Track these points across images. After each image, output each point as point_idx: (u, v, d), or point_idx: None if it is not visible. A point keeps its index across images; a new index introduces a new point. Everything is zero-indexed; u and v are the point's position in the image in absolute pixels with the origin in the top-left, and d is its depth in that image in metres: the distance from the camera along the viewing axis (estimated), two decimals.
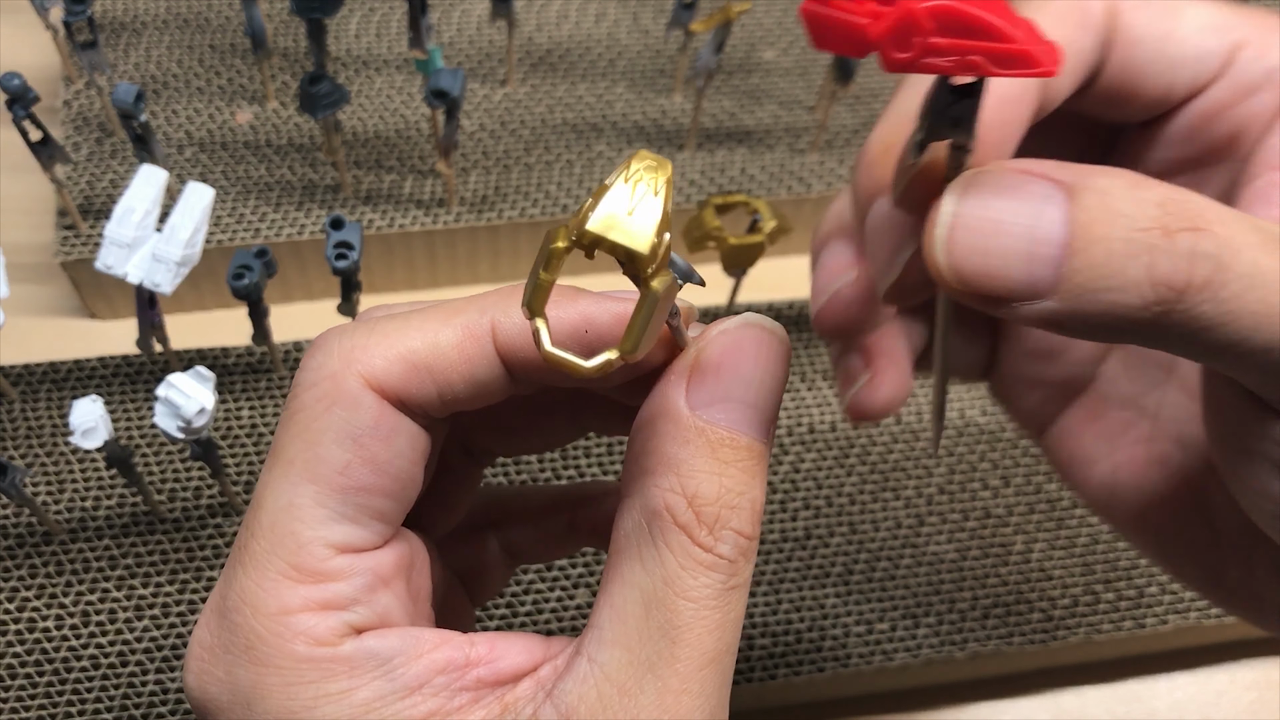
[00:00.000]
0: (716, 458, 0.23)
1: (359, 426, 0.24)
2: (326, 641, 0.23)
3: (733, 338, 0.24)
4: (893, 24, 0.20)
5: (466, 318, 0.25)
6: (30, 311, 0.55)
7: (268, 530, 0.24)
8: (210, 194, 0.43)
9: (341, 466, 0.24)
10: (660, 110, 0.60)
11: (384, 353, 0.24)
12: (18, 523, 0.46)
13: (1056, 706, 0.51)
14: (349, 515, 0.24)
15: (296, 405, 0.24)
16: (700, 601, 0.23)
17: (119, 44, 0.60)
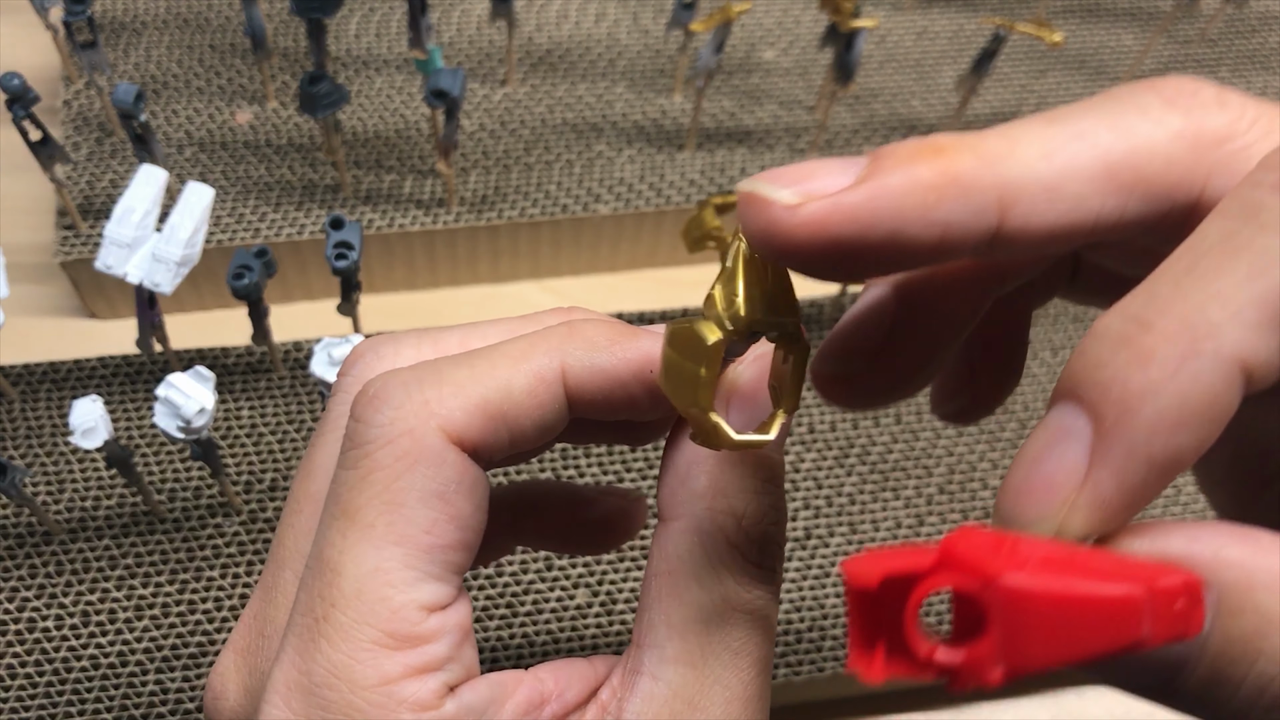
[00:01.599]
0: (758, 478, 0.24)
1: (445, 484, 0.23)
2: (430, 705, 0.23)
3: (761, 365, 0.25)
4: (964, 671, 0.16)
5: (537, 363, 0.24)
6: (30, 311, 0.55)
7: (353, 599, 0.23)
8: (210, 194, 0.43)
9: (428, 526, 0.23)
10: (660, 110, 0.60)
11: (461, 404, 0.24)
12: (18, 523, 0.46)
13: (1057, 706, 0.51)
14: (435, 574, 0.23)
15: (371, 464, 0.23)
16: (756, 613, 0.24)
17: (119, 44, 0.60)
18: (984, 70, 0.57)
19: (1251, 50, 0.67)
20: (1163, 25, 0.63)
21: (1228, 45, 0.67)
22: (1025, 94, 0.63)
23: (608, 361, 0.25)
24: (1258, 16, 0.68)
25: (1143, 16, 0.68)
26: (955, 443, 0.52)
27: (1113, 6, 0.69)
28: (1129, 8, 0.69)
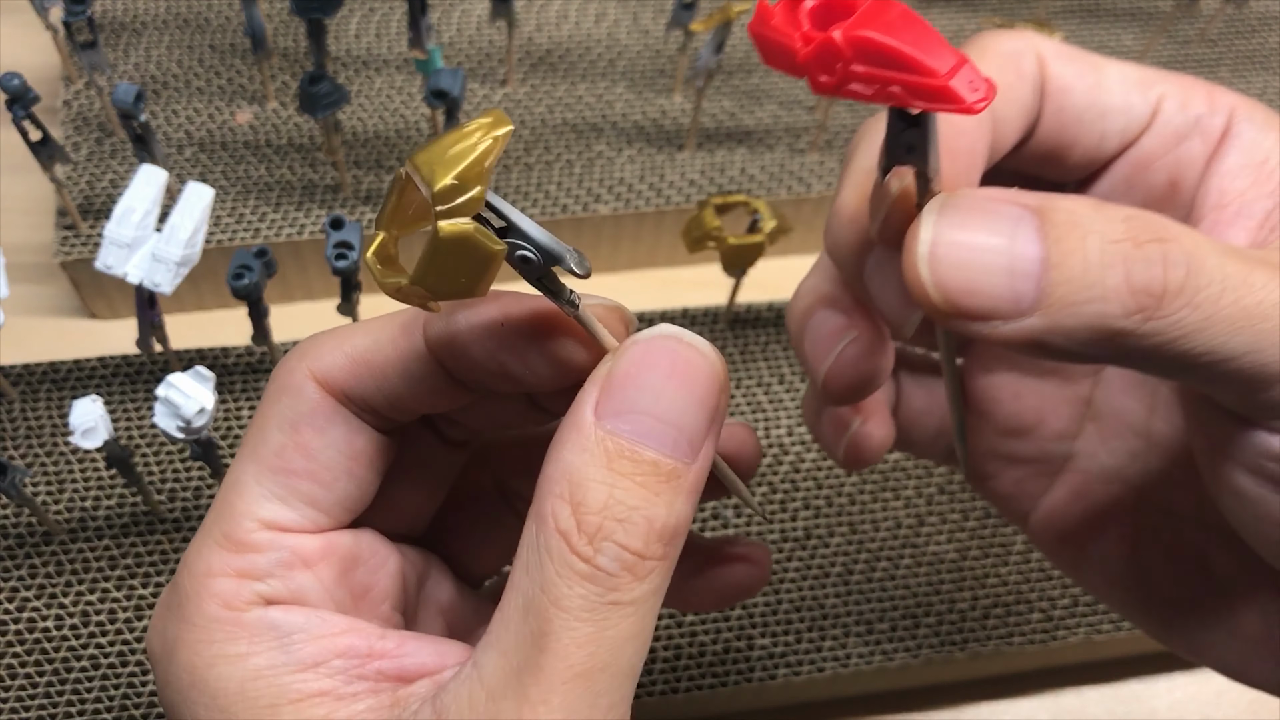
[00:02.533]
0: (611, 468, 0.23)
1: (297, 413, 0.26)
2: (235, 606, 0.25)
3: (644, 349, 0.23)
4: (817, 50, 0.20)
5: (404, 315, 0.26)
6: (30, 311, 0.55)
7: (217, 502, 0.26)
8: (210, 194, 0.43)
9: (278, 449, 0.26)
10: (660, 110, 0.60)
11: (331, 349, 0.26)
12: (17, 523, 0.46)
13: (1057, 706, 0.51)
14: (279, 495, 0.26)
15: (262, 398, 0.27)
16: (571, 611, 0.22)
17: (119, 44, 0.60)
18: None
19: (1251, 50, 0.67)
20: (1163, 25, 0.63)
21: (1228, 45, 0.67)
22: None
23: (462, 314, 0.25)
24: (1258, 16, 0.68)
25: (1143, 16, 0.68)
26: None
27: (1113, 6, 0.69)
28: (1129, 8, 0.69)
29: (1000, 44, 0.29)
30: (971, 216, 0.22)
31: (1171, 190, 0.30)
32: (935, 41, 0.20)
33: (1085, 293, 0.22)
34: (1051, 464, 0.34)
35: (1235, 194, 0.28)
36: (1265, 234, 0.27)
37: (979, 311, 0.22)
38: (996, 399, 0.34)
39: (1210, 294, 0.22)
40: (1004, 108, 0.28)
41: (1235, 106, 0.29)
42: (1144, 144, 0.30)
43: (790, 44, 0.21)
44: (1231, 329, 0.22)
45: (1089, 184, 0.31)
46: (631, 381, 0.23)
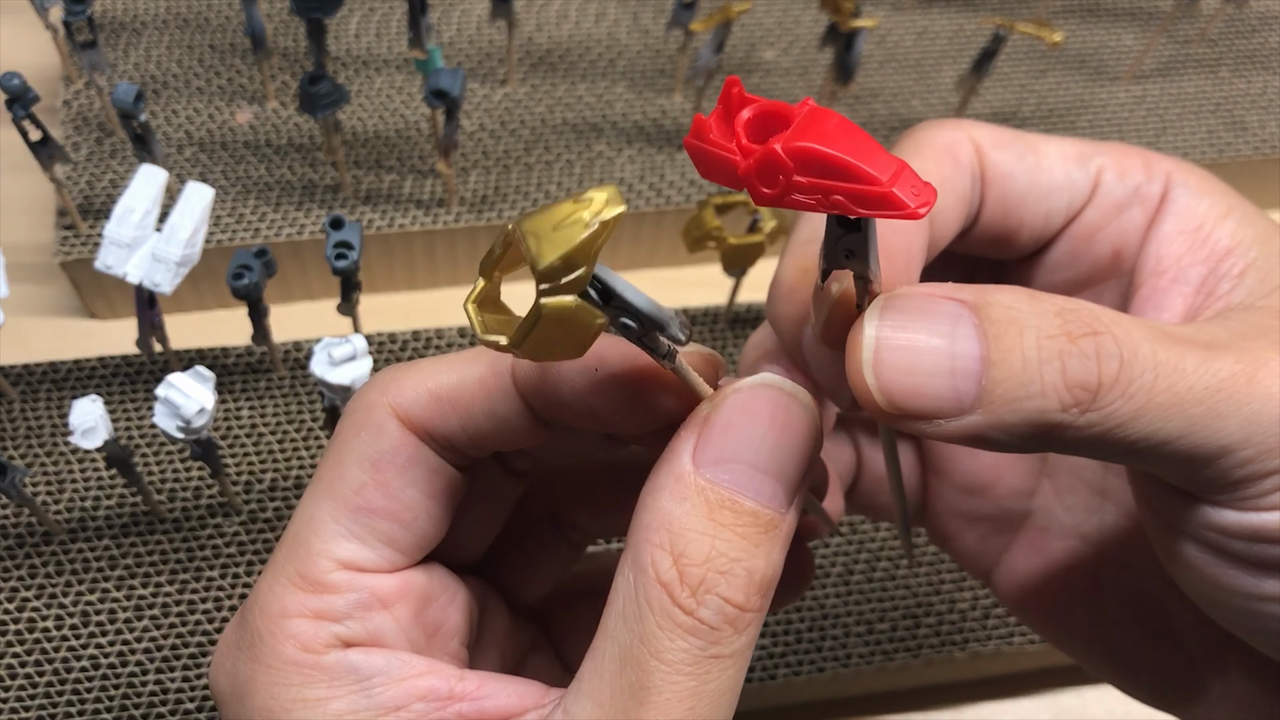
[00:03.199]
0: (713, 519, 0.22)
1: (379, 451, 0.25)
2: (312, 649, 0.24)
3: (746, 397, 0.23)
4: (758, 163, 0.20)
5: (492, 355, 0.26)
6: (30, 311, 0.55)
7: (289, 539, 0.25)
8: (210, 194, 0.43)
9: (358, 487, 0.25)
10: (660, 110, 0.60)
11: (414, 385, 0.25)
12: (17, 523, 0.46)
13: (1056, 706, 0.51)
14: (358, 534, 0.25)
15: (336, 431, 0.26)
16: (673, 665, 0.22)
17: (119, 44, 0.60)
18: (984, 70, 0.57)
19: (1251, 50, 0.67)
20: (1163, 25, 0.63)
21: (1228, 45, 0.67)
22: (1025, 94, 0.63)
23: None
24: (1258, 16, 0.68)
25: (1143, 16, 0.68)
26: None
27: (1113, 6, 0.69)
28: (1129, 8, 0.69)
29: (936, 136, 0.29)
30: (912, 317, 0.23)
31: (1115, 259, 0.30)
32: (874, 149, 0.21)
33: (1024, 389, 0.22)
34: (1010, 521, 0.34)
35: (1172, 260, 0.29)
36: (1201, 299, 0.28)
37: (923, 412, 0.23)
38: (953, 458, 0.35)
39: (1143, 383, 0.22)
40: (943, 199, 0.29)
41: (1171, 172, 0.30)
42: (1087, 216, 0.30)
43: (730, 158, 0.21)
44: (1165, 415, 0.22)
45: (1036, 258, 0.32)
46: (733, 430, 0.23)
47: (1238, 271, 0.28)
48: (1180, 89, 0.65)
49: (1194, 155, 0.62)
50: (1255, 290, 0.27)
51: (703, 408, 0.24)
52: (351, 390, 0.41)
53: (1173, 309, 0.28)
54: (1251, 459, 0.23)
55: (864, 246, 0.23)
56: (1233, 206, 0.29)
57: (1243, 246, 0.28)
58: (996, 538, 0.35)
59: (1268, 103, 0.65)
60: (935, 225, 0.29)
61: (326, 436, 0.49)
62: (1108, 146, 0.31)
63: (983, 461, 0.34)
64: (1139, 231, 0.30)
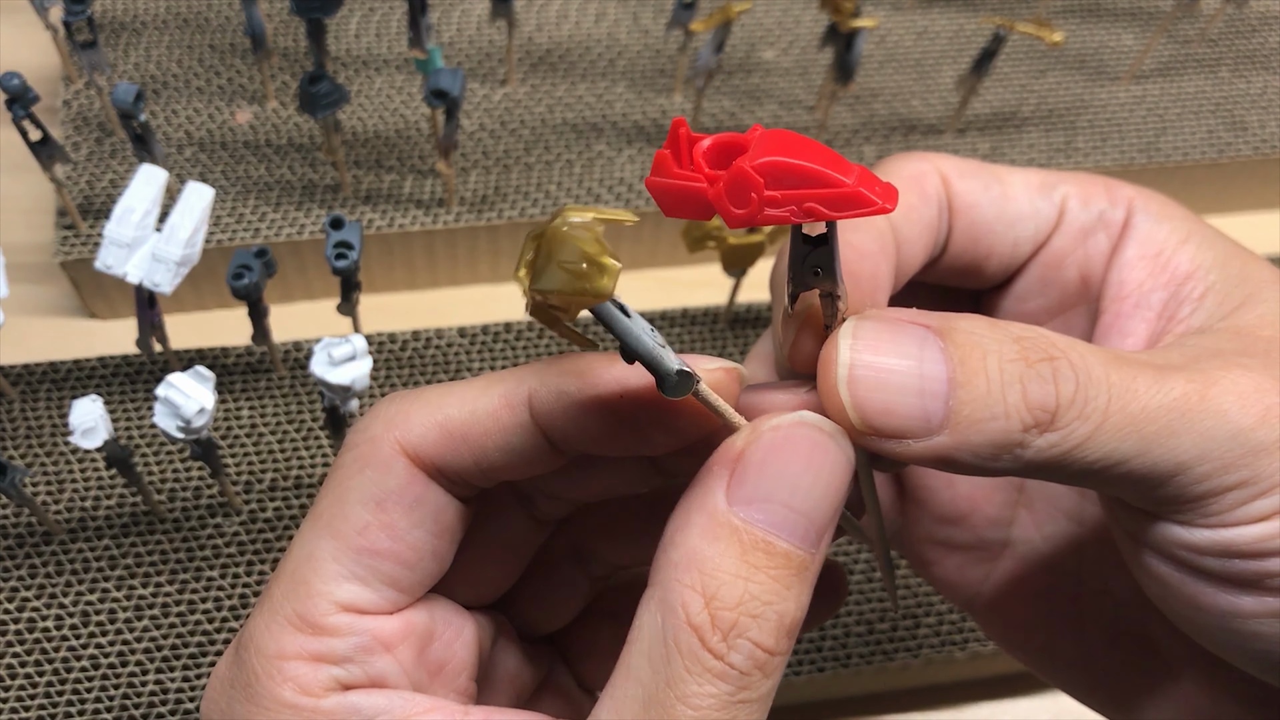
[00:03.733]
0: (746, 560, 0.22)
1: (385, 490, 0.25)
2: (311, 692, 0.24)
3: (783, 435, 0.23)
4: (728, 184, 0.21)
5: (505, 386, 0.25)
6: (30, 311, 0.55)
7: (287, 576, 0.25)
8: (210, 194, 0.43)
9: (361, 527, 0.24)
10: (660, 110, 0.60)
11: (422, 420, 0.25)
12: (17, 523, 0.46)
13: (1057, 706, 0.51)
14: (360, 576, 0.25)
15: (337, 464, 0.25)
16: (700, 710, 0.21)
17: (119, 44, 0.60)
18: (984, 70, 0.57)
19: (1251, 50, 0.67)
20: (1163, 25, 0.63)
21: (1228, 45, 0.67)
22: (1025, 94, 0.63)
23: (575, 387, 0.24)
24: (1258, 16, 0.68)
25: (1143, 16, 0.68)
26: None
27: (1113, 6, 0.69)
28: (1129, 8, 0.69)
29: (903, 167, 0.30)
30: (883, 339, 0.23)
31: (1083, 285, 0.31)
32: (834, 156, 0.21)
33: (989, 410, 0.23)
34: (989, 550, 0.35)
35: (1134, 285, 0.29)
36: (1163, 324, 0.29)
37: (893, 431, 0.23)
38: (931, 487, 0.35)
39: (1098, 404, 0.23)
40: (909, 228, 0.29)
41: (1133, 198, 0.30)
42: (1054, 244, 0.31)
43: (696, 186, 0.21)
44: (1120, 435, 0.23)
45: (1006, 287, 0.32)
46: (769, 469, 0.23)
47: (1198, 295, 0.29)
48: (1180, 89, 0.65)
49: (1194, 155, 0.62)
50: (1214, 313, 0.28)
51: (735, 441, 0.23)
52: (351, 390, 0.41)
53: (1136, 334, 0.29)
54: (1208, 475, 0.24)
55: (831, 261, 0.23)
56: (1192, 231, 0.30)
57: (1202, 270, 0.29)
58: (976, 566, 0.35)
59: (1268, 103, 0.65)
60: (902, 253, 0.29)
61: (326, 436, 0.49)
62: (1071, 176, 0.31)
63: (959, 491, 0.34)
64: (1104, 257, 0.30)
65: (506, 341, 0.53)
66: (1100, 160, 0.61)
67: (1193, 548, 0.25)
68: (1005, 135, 0.62)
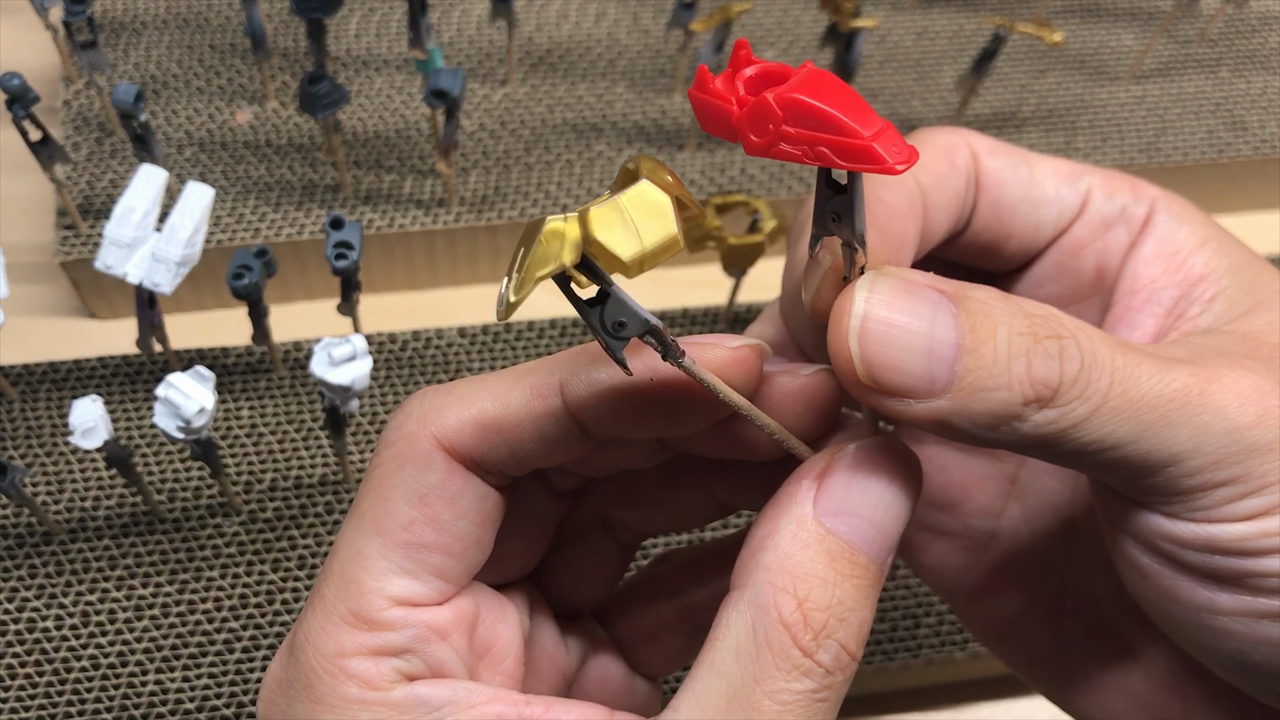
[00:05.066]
0: (834, 568, 0.23)
1: (426, 485, 0.25)
2: (378, 686, 0.24)
3: (871, 454, 0.24)
4: (750, 111, 0.22)
5: (536, 378, 0.25)
6: (30, 311, 0.55)
7: (336, 576, 0.25)
8: (210, 194, 0.43)
9: (406, 522, 0.25)
10: (660, 110, 0.60)
11: (457, 414, 0.25)
12: (17, 523, 0.46)
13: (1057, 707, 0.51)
14: (409, 570, 0.25)
15: (375, 462, 0.26)
16: (786, 705, 0.22)
17: (119, 44, 0.60)
18: (984, 70, 0.57)
19: (1251, 50, 0.67)
20: (1163, 25, 0.63)
21: (1228, 45, 0.67)
22: (1025, 94, 0.63)
23: (606, 374, 0.25)
24: (1258, 16, 0.68)
25: (1143, 16, 0.68)
26: None
27: (1113, 6, 0.69)
28: (1129, 8, 0.69)
29: (936, 138, 0.30)
30: (898, 296, 0.24)
31: (1098, 277, 0.31)
32: (862, 108, 0.22)
33: (993, 380, 0.23)
34: (976, 540, 0.35)
35: (1147, 281, 0.30)
36: (1171, 321, 0.29)
37: (897, 388, 0.23)
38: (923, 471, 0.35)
39: (1100, 386, 0.23)
40: (937, 195, 0.29)
41: (1156, 198, 0.31)
42: (1074, 232, 0.31)
43: (726, 106, 0.22)
44: (1118, 419, 0.23)
45: (1023, 272, 0.32)
46: (856, 484, 0.24)
47: (1208, 297, 0.29)
48: (1180, 89, 0.65)
49: (1194, 155, 0.62)
50: (1222, 316, 0.28)
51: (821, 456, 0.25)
52: (351, 390, 0.41)
53: (1144, 327, 0.29)
54: (1200, 469, 0.24)
55: (850, 210, 0.23)
56: (1210, 236, 0.30)
57: (1215, 274, 0.29)
58: (961, 555, 0.35)
59: (1268, 103, 0.65)
60: (928, 220, 0.29)
61: (326, 436, 0.49)
62: (1097, 170, 0.32)
63: (952, 477, 0.35)
64: (1122, 251, 0.31)
65: (506, 342, 0.53)
66: (1100, 160, 0.61)
67: (1177, 540, 0.25)
68: (1005, 135, 0.61)
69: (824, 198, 0.24)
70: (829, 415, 0.27)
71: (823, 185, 0.24)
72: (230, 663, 0.44)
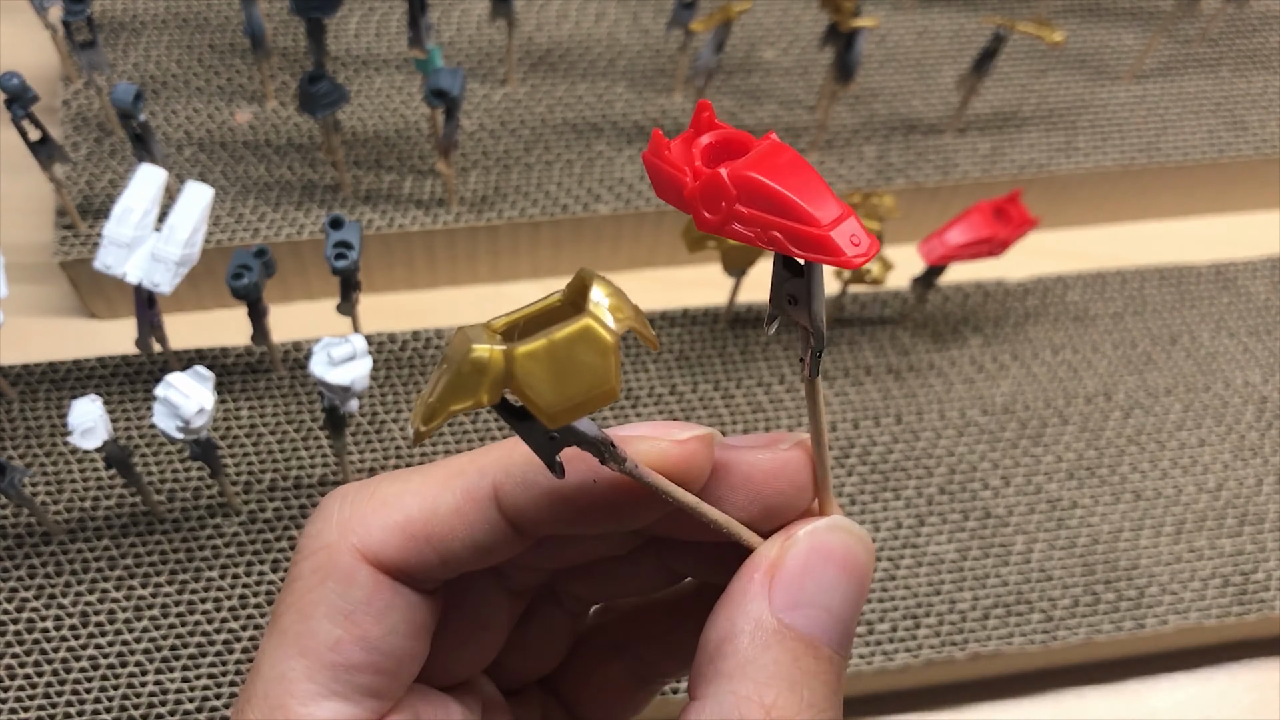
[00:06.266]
0: (798, 666, 0.22)
1: (351, 602, 0.23)
2: None
3: (822, 540, 0.23)
4: (704, 186, 0.20)
5: (466, 480, 0.24)
6: (29, 311, 0.55)
7: (261, 699, 0.23)
8: (209, 193, 0.43)
9: (332, 643, 0.23)
10: (660, 110, 0.60)
11: (381, 521, 0.24)
12: (16, 523, 0.46)
13: (1057, 707, 0.51)
14: (339, 692, 0.23)
15: (294, 574, 0.24)
16: None
17: (118, 43, 0.60)
18: (984, 70, 0.57)
19: (1252, 50, 0.67)
20: (1163, 25, 0.63)
21: (1228, 45, 0.67)
22: (1025, 94, 0.63)
23: (543, 477, 0.23)
24: (1258, 16, 0.68)
25: (1143, 16, 0.68)
26: (955, 443, 0.52)
27: (1113, 6, 0.69)
28: (1129, 8, 0.69)
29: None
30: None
31: None
32: (822, 191, 0.20)
33: None
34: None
35: None
36: None
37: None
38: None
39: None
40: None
41: None
42: None
43: (679, 177, 0.21)
44: None
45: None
46: (810, 576, 0.23)
47: None
48: (1180, 89, 0.65)
49: (1194, 155, 0.61)
50: None
51: (769, 548, 0.23)
52: (351, 390, 0.41)
53: None
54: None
55: (806, 295, 0.22)
56: None
57: None
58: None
59: (1268, 103, 0.64)
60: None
61: (326, 436, 0.49)
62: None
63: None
64: None
65: None
66: (1101, 160, 0.61)
67: None
68: (1006, 135, 0.61)
69: (781, 278, 0.22)
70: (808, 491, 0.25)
71: (779, 266, 0.22)
72: (230, 663, 0.44)
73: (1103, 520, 0.51)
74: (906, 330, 0.55)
